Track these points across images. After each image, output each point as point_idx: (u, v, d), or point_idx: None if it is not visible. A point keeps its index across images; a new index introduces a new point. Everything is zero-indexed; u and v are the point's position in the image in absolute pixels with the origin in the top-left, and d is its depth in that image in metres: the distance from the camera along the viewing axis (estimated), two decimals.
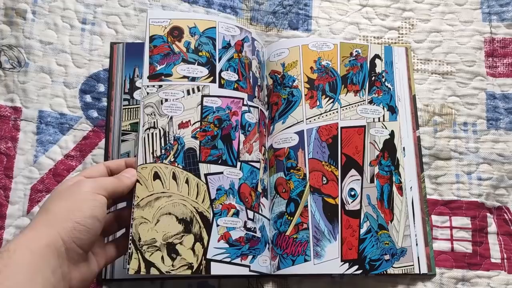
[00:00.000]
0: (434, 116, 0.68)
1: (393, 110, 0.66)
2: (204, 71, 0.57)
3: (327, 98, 0.64)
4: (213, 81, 0.57)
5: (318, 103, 0.63)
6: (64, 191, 0.46)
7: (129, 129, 0.64)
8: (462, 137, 0.67)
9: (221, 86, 0.58)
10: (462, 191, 0.65)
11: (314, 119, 0.63)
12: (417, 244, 0.62)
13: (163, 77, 0.56)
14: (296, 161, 0.61)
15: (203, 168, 0.55)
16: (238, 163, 0.56)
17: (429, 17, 0.73)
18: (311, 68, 0.65)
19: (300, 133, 0.62)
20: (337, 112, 0.63)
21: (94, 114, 0.66)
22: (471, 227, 0.64)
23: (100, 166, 0.52)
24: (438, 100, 0.69)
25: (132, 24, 0.69)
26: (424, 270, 0.61)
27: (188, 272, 0.51)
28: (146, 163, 0.53)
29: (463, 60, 0.70)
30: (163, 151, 0.54)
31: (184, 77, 0.56)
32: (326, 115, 0.63)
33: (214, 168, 0.55)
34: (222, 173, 0.55)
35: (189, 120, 0.56)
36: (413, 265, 0.60)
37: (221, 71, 0.58)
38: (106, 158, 0.63)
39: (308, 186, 0.60)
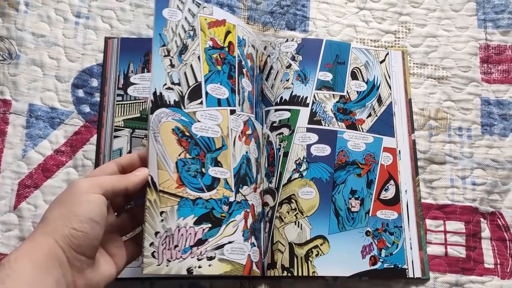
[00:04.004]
0: (429, 120, 0.68)
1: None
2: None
3: None
4: None
5: None
6: (60, 197, 0.43)
7: (122, 125, 0.62)
8: (457, 141, 0.67)
9: None
10: (456, 196, 0.65)
11: None
12: (411, 248, 0.61)
13: None
14: None
15: None
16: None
17: (425, 22, 0.73)
18: None
19: None
20: None
21: (86, 109, 0.64)
22: (465, 231, 0.63)
23: (109, 165, 0.49)
24: (433, 104, 0.69)
25: (127, 19, 0.68)
26: (418, 274, 0.60)
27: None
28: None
29: (459, 65, 0.71)
30: None
31: None
32: None
33: None
34: None
35: None
36: (407, 269, 0.60)
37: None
38: (98, 154, 0.62)
39: None
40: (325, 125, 0.63)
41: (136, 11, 0.69)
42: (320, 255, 0.58)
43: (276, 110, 0.63)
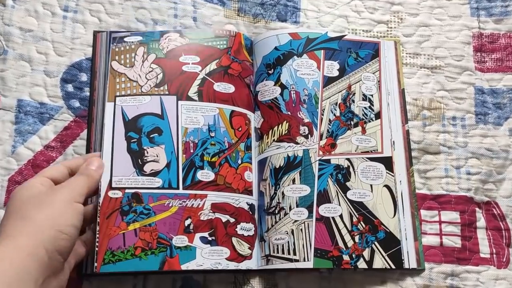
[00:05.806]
0: (423, 110, 0.67)
1: None
2: None
3: None
4: None
5: None
6: (40, 198, 0.46)
7: None
8: (451, 131, 0.67)
9: None
10: (451, 186, 0.64)
11: None
12: (406, 239, 0.61)
13: None
14: None
15: None
16: None
17: (418, 11, 0.72)
18: None
19: None
20: None
21: (76, 104, 0.63)
22: (460, 221, 0.63)
23: (59, 167, 0.51)
24: (427, 94, 0.68)
25: (116, 13, 0.67)
26: (413, 265, 0.60)
27: None
28: None
29: (452, 54, 0.70)
30: None
31: None
32: None
33: None
34: None
35: None
36: (403, 260, 0.59)
37: None
38: (88, 149, 0.61)
39: None
40: None
41: (125, 4, 0.68)
42: None
43: None
